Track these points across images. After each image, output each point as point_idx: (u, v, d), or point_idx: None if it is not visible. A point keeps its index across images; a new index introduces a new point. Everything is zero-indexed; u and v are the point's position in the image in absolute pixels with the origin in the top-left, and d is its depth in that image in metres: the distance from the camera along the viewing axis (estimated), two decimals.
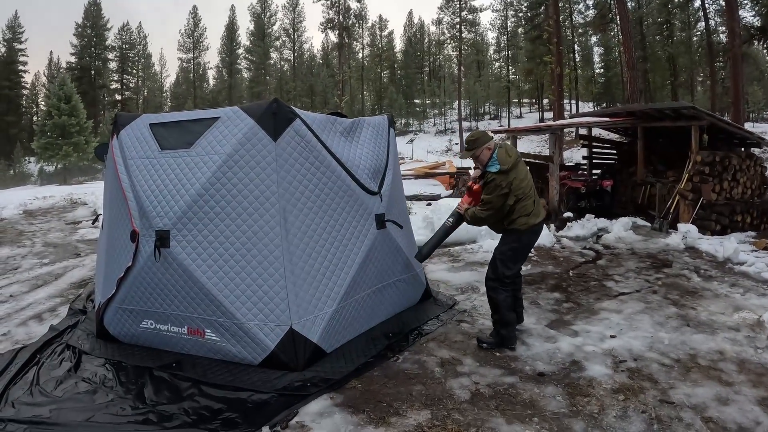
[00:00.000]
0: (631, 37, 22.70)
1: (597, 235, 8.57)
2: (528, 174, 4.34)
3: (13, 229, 12.42)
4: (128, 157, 4.36)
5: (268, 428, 3.12)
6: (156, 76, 76.49)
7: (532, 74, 50.70)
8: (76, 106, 48.10)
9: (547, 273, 6.46)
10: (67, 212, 15.57)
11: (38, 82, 73.51)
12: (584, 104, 56.61)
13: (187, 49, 72.19)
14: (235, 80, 70.70)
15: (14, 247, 9.94)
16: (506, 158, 4.14)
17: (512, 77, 64.65)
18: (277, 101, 4.00)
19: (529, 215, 4.22)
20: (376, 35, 75.13)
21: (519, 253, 4.34)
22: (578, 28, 55.27)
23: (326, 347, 3.97)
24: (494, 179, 4.12)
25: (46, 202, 18.26)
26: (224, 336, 3.90)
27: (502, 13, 64.38)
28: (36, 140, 48.45)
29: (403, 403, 3.34)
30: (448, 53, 73.65)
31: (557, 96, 32.74)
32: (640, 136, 10.67)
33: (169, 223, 3.98)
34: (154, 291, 4.12)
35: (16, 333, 5.06)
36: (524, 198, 4.19)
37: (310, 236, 3.97)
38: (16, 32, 67.12)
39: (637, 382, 3.51)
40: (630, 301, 5.27)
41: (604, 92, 56.57)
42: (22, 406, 3.48)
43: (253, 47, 68.90)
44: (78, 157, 47.53)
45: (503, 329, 4.21)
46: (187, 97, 69.71)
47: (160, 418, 3.28)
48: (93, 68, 67.93)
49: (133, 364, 4.05)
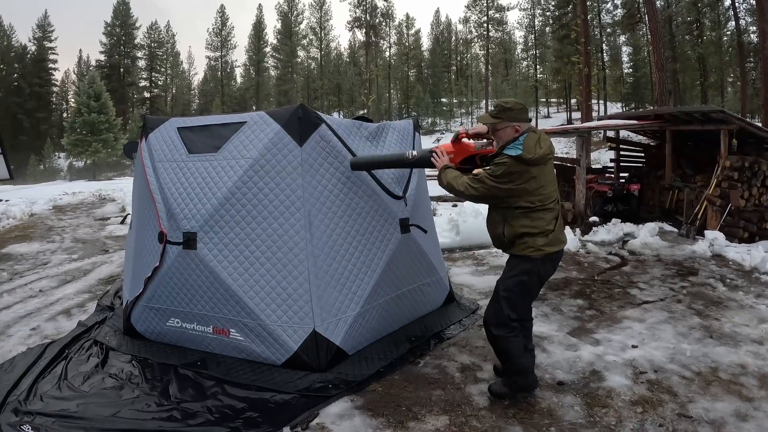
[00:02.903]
0: (660, 37, 22.30)
1: (623, 241, 8.47)
2: (555, 182, 3.37)
3: (43, 225, 12.68)
4: (156, 160, 4.45)
5: (289, 428, 3.16)
6: (184, 74, 77.61)
7: (560, 74, 50.32)
8: (105, 103, 49.10)
9: (571, 279, 6.41)
10: (96, 208, 15.83)
11: (68, 79, 75.26)
12: (612, 105, 55.96)
13: (214, 47, 73.17)
14: (263, 78, 71.37)
15: (44, 242, 10.15)
16: (534, 147, 3.16)
17: (540, 77, 64.15)
18: (303, 106, 4.05)
19: (547, 236, 3.24)
20: (402, 34, 75.11)
21: (530, 288, 3.41)
22: (606, 28, 54.69)
23: (348, 350, 4.00)
24: (506, 162, 3.15)
25: (75, 198, 18.60)
26: (249, 336, 3.96)
27: (529, 12, 63.95)
28: (66, 137, 49.57)
29: (422, 408, 3.36)
30: (475, 52, 73.46)
31: (585, 96, 32.30)
32: (668, 140, 10.52)
33: (197, 226, 4.06)
34: (180, 291, 4.21)
35: (45, 328, 5.18)
36: (543, 208, 3.23)
37: (335, 240, 4.01)
38: (45, 31, 68.77)
39: (657, 395, 3.47)
40: (654, 309, 5.21)
41: (632, 93, 55.83)
42: (51, 400, 3.57)
43: (280, 45, 69.55)
44: (107, 153, 48.52)
45: (520, 378, 3.43)
46: (215, 95, 70.59)
47: (184, 416, 3.34)
48: (122, 66, 69.26)
49: (159, 362, 4.12)
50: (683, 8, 46.74)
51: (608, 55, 59.71)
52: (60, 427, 3.22)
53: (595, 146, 26.61)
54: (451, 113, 67.39)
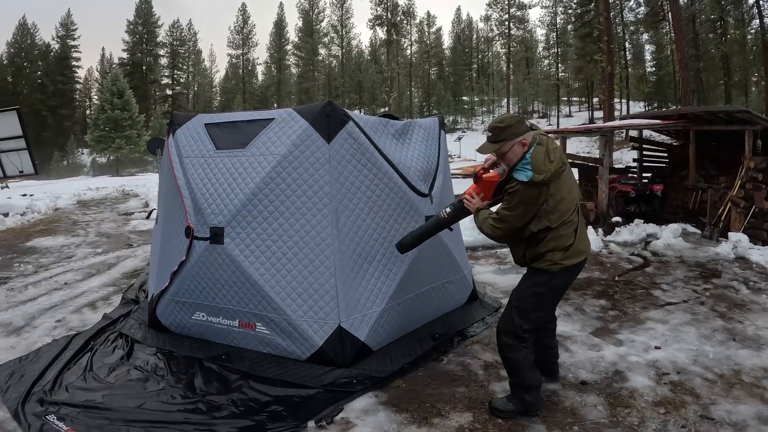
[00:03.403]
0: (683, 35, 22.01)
1: (645, 241, 8.38)
2: (574, 189, 3.13)
3: (67, 219, 12.87)
4: (184, 156, 4.50)
5: (313, 423, 3.18)
6: (206, 72, 78.35)
7: (582, 72, 49.78)
8: (128, 100, 49.77)
9: (594, 279, 6.37)
10: (120, 203, 16.03)
11: (91, 77, 76.40)
12: (635, 104, 55.31)
13: (236, 45, 73.70)
14: (284, 76, 71.79)
15: (69, 236, 10.31)
16: (544, 164, 2.89)
17: (562, 75, 63.54)
18: (331, 103, 4.08)
19: (566, 250, 3.04)
20: (424, 32, 74.96)
21: (545, 300, 3.24)
22: (629, 26, 53.94)
23: (373, 346, 4.02)
24: (518, 191, 2.93)
25: (99, 193, 18.85)
26: (274, 330, 4.00)
27: (551, 10, 63.34)
28: (89, 133, 50.31)
29: (446, 405, 3.37)
30: (497, 50, 73.22)
31: (608, 95, 32.03)
32: (692, 140, 10.38)
33: (224, 221, 4.10)
34: (207, 285, 4.25)
35: (70, 320, 5.27)
36: (562, 225, 3.02)
37: (361, 236, 4.03)
38: (69, 29, 69.85)
39: (679, 396, 3.45)
40: (677, 311, 5.16)
41: (655, 92, 55.19)
42: (76, 391, 3.64)
43: (301, 43, 69.89)
44: (130, 149, 49.19)
45: (526, 394, 3.21)
46: (237, 93, 71.13)
47: (209, 408, 3.38)
48: (144, 64, 70.07)
49: (184, 355, 4.18)
50: (707, 6, 45.99)
51: (631, 54, 59.02)
52: (85, 417, 3.28)
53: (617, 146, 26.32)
54: (473, 112, 67.19)
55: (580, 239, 3.10)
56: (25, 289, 6.41)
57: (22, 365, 4.11)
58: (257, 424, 3.19)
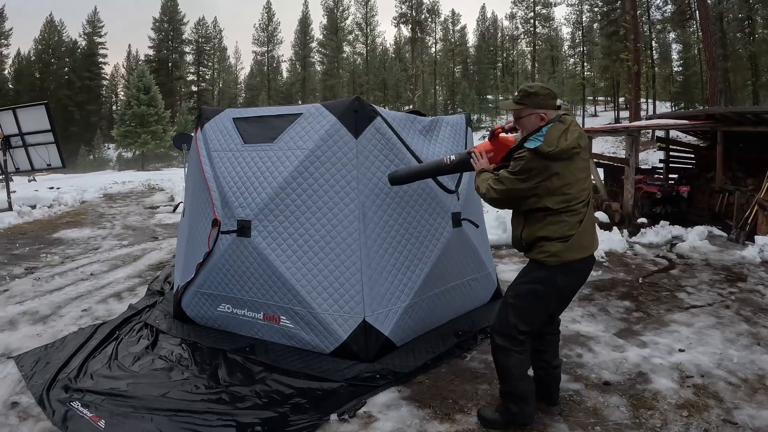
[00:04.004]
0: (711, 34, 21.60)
1: (671, 243, 8.29)
2: (587, 180, 2.93)
3: (94, 212, 13.11)
4: (212, 149, 4.55)
5: (336, 416, 3.20)
6: (231, 69, 78.95)
7: (608, 71, 49.13)
8: (154, 96, 50.45)
9: (618, 280, 6.32)
10: (145, 197, 16.26)
11: (117, 73, 77.58)
12: (661, 104, 54.40)
13: (261, 42, 74.18)
14: (309, 73, 72.04)
15: (95, 229, 10.50)
16: (557, 139, 2.73)
17: (587, 74, 62.72)
18: (359, 99, 4.08)
19: (566, 240, 2.81)
20: (448, 30, 74.59)
21: (544, 300, 2.95)
22: (656, 24, 53.06)
23: (397, 341, 4.03)
24: (525, 157, 2.77)
25: (124, 187, 19.16)
26: (299, 324, 4.02)
27: (577, 8, 62.50)
28: (116, 128, 51.10)
29: (469, 401, 3.37)
30: (522, 48, 72.58)
31: (634, 95, 31.49)
32: (719, 141, 10.21)
33: (251, 214, 4.13)
34: (232, 277, 4.29)
35: (96, 309, 5.36)
36: (565, 211, 2.81)
37: (388, 231, 4.03)
38: (95, 26, 70.99)
39: (702, 399, 3.40)
40: (701, 314, 5.09)
41: (682, 92, 54.19)
42: (101, 379, 3.70)
43: (326, 41, 70.11)
44: (155, 144, 49.81)
45: (513, 404, 3.00)
46: (261, 90, 71.53)
47: (232, 399, 3.41)
48: (170, 61, 70.90)
49: (208, 346, 4.22)
50: (734, 5, 45.04)
51: (657, 53, 58.08)
52: (110, 405, 3.33)
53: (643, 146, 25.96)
54: (497, 110, 66.72)
55: (584, 233, 2.86)
56: (51, 279, 6.55)
57: (47, 353, 4.20)
58: (280, 415, 3.21)
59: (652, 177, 11.72)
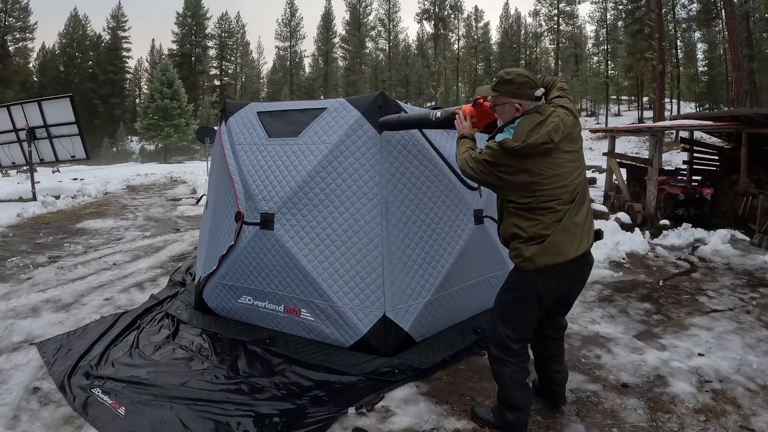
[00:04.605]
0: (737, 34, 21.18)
1: (693, 246, 8.18)
2: (571, 173, 2.66)
3: (116, 203, 13.27)
4: (236, 143, 4.58)
5: (354, 409, 3.22)
6: (254, 63, 79.34)
7: (632, 70, 48.54)
8: (177, 90, 50.92)
9: (639, 282, 6.26)
10: (168, 189, 16.42)
11: (141, 67, 78.52)
12: (685, 104, 53.57)
13: (284, 37, 74.43)
14: (331, 69, 72.09)
15: (118, 219, 10.64)
16: (526, 133, 2.54)
17: (611, 73, 62.01)
18: (383, 94, 4.09)
19: (541, 243, 2.62)
20: (471, 26, 74.11)
21: (531, 307, 2.80)
22: (681, 23, 52.23)
23: (416, 336, 4.04)
24: (492, 149, 2.63)
25: (147, 179, 19.36)
26: (319, 317, 4.05)
27: (601, 5, 61.74)
28: (139, 121, 51.69)
29: (486, 399, 3.37)
30: (545, 46, 71.83)
31: (658, 94, 31.04)
32: (744, 143, 10.03)
33: (274, 207, 4.16)
34: (254, 269, 4.33)
35: (118, 299, 5.44)
36: (539, 209, 2.62)
37: (410, 227, 4.04)
38: (119, 21, 71.92)
39: (720, 405, 3.37)
40: (722, 319, 5.03)
41: (707, 92, 53.36)
42: (122, 366, 3.76)
43: (348, 36, 70.14)
44: (178, 137, 50.31)
45: (508, 413, 2.89)
46: (284, 84, 71.83)
47: (251, 389, 3.45)
48: (193, 55, 71.47)
49: (229, 337, 4.26)
50: (761, 4, 44.12)
51: (682, 52, 57.16)
52: (130, 392, 3.39)
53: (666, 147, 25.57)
54: None
55: (563, 233, 2.62)
56: (74, 268, 6.65)
57: (69, 340, 4.28)
58: (298, 407, 3.24)
59: (676, 178, 11.56)
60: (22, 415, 3.19)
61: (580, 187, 2.70)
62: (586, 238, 2.72)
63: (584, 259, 2.76)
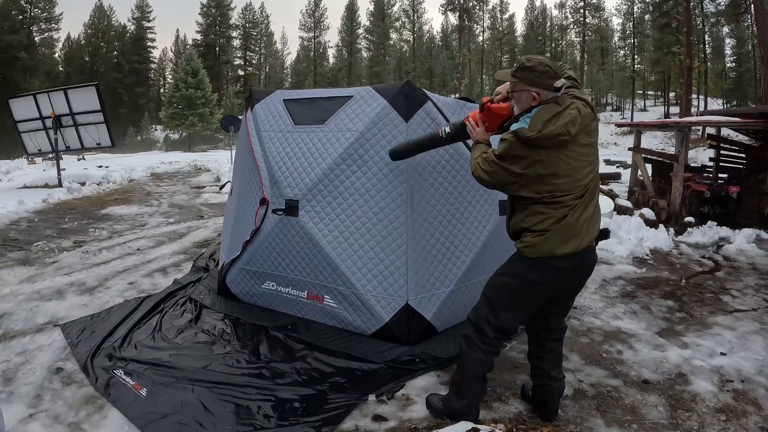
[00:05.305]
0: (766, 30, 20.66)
1: (717, 245, 8.07)
2: (585, 168, 2.59)
3: (141, 190, 13.44)
4: (262, 130, 4.59)
5: (374, 396, 3.23)
6: (277, 54, 79.88)
7: (659, 65, 47.75)
8: (202, 80, 51.40)
9: (662, 279, 6.20)
10: (192, 177, 16.58)
11: (165, 57, 79.61)
12: (713, 101, 52.52)
13: (308, 28, 74.72)
14: (355, 59, 72.26)
15: (142, 206, 10.78)
16: (542, 123, 2.47)
17: (637, 67, 61.11)
18: (410, 83, 4.07)
19: (543, 235, 2.58)
20: (496, 18, 73.70)
21: (518, 297, 2.75)
22: (709, 17, 51.13)
23: (438, 326, 4.03)
24: (507, 140, 2.56)
25: (171, 167, 19.56)
26: (342, 304, 4.06)
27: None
28: (164, 110, 52.30)
29: (507, 390, 3.37)
30: (571, 39, 71.13)
31: (685, 90, 30.40)
32: None
33: (299, 194, 4.17)
34: (278, 256, 4.34)
35: (142, 283, 5.52)
36: (550, 203, 2.57)
37: (435, 216, 4.02)
38: (144, 11, 72.93)
39: (741, 405, 3.32)
40: (745, 319, 4.95)
41: (734, 88, 52.39)
42: (144, 349, 3.81)
43: (372, 27, 70.22)
44: (202, 126, 50.82)
45: (456, 400, 2.90)
46: (307, 75, 72.18)
47: (272, 374, 3.48)
48: (217, 45, 72.12)
49: (251, 322, 4.29)
50: None
51: (710, 47, 56.01)
52: (152, 374, 3.43)
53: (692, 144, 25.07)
54: None
55: (567, 228, 2.57)
56: (99, 253, 6.76)
57: (93, 322, 4.34)
58: (318, 393, 3.26)
59: (701, 175, 11.40)
60: (45, 395, 3.25)
61: (592, 182, 2.64)
62: (589, 235, 2.66)
63: (585, 256, 2.69)
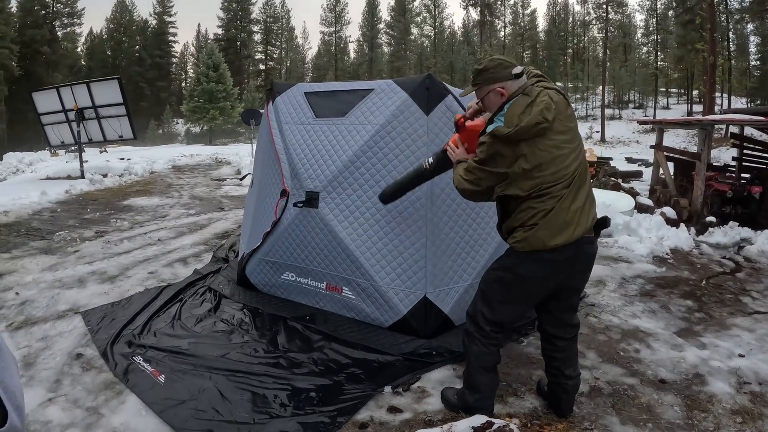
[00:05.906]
0: None
1: (739, 246, 7.96)
2: (569, 155, 2.54)
3: (162, 182, 13.55)
4: (283, 122, 4.62)
5: (390, 388, 3.25)
6: (298, 48, 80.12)
7: (683, 62, 47.04)
8: (223, 74, 51.74)
9: (682, 278, 6.13)
10: (213, 170, 16.68)
11: (186, 51, 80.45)
12: (736, 99, 51.54)
13: (329, 23, 74.78)
14: (376, 54, 72.18)
15: (163, 198, 10.88)
16: (518, 116, 2.41)
17: (660, 64, 60.24)
18: (431, 77, 4.07)
19: (533, 228, 2.52)
20: (518, 13, 73.13)
21: (513, 292, 2.73)
22: (734, 14, 50.17)
23: (455, 320, 4.03)
24: (486, 142, 2.52)
25: (192, 160, 19.67)
26: (360, 295, 4.08)
27: None
28: (185, 104, 52.70)
29: (522, 385, 3.37)
30: (593, 35, 70.31)
31: (709, 88, 29.77)
32: None
33: (320, 186, 4.19)
34: (298, 247, 4.37)
35: (162, 272, 5.59)
36: (538, 196, 2.51)
37: (454, 210, 4.02)
38: (165, 6, 73.62)
39: (758, 408, 3.29)
40: (765, 321, 4.88)
41: (759, 87, 51.31)
42: (163, 336, 3.88)
43: (393, 22, 70.10)
44: (223, 120, 51.18)
45: (469, 394, 2.90)
46: (328, 69, 72.25)
47: (289, 364, 3.51)
48: (238, 40, 72.56)
49: (269, 312, 4.32)
50: None
51: (734, 45, 54.96)
52: (170, 361, 3.49)
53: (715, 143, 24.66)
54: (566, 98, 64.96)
55: (557, 217, 2.51)
56: (120, 243, 6.84)
57: (113, 310, 4.42)
58: (335, 383, 3.29)
59: (724, 175, 11.24)
60: (64, 380, 3.32)
61: (578, 170, 2.58)
62: (582, 224, 2.58)
63: (580, 247, 2.62)
